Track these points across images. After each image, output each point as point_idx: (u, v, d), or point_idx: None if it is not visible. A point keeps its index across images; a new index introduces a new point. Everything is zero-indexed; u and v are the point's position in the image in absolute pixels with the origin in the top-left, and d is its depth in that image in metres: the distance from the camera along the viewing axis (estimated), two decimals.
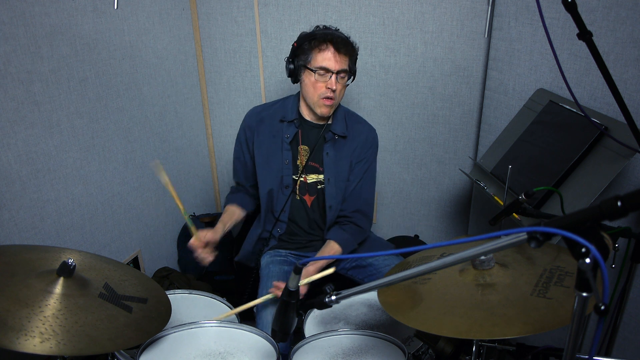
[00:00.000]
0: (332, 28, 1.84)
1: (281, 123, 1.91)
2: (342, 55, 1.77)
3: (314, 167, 1.91)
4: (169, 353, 1.39)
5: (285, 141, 1.89)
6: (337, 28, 1.86)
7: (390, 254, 1.90)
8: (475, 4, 2.21)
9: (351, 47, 1.81)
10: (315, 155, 1.91)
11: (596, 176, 1.52)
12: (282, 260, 1.97)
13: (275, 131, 1.91)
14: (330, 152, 1.90)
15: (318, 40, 1.76)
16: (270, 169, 1.91)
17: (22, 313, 1.09)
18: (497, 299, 1.13)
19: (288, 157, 1.90)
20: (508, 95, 2.09)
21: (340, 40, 1.76)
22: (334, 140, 1.90)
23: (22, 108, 1.77)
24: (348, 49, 1.79)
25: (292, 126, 1.90)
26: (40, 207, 1.88)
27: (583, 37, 1.22)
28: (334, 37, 1.76)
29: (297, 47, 1.82)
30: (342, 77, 1.80)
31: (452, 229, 2.68)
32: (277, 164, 1.90)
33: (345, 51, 1.77)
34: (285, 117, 1.90)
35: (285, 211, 1.93)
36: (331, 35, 1.76)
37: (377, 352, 1.44)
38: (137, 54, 2.28)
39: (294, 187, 1.92)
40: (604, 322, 1.65)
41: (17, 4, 1.69)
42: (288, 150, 1.90)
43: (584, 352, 1.10)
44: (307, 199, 1.95)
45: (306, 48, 1.78)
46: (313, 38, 1.77)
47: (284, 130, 1.90)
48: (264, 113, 1.94)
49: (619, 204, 0.69)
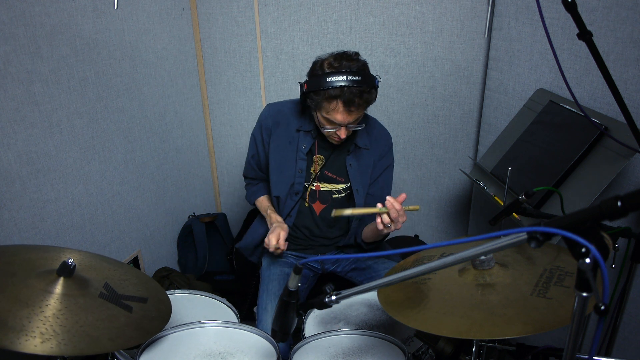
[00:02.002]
0: (350, 55, 1.65)
1: (298, 132, 1.84)
2: (353, 110, 1.61)
3: (329, 176, 1.88)
4: (169, 353, 1.39)
5: (302, 151, 1.83)
6: (355, 54, 1.67)
7: (390, 255, 1.90)
8: (475, 4, 2.21)
9: (365, 99, 1.62)
10: (332, 165, 1.86)
11: (596, 176, 1.52)
12: (283, 262, 1.96)
13: (291, 138, 1.84)
14: (353, 163, 1.85)
15: (328, 95, 1.59)
16: (282, 176, 1.87)
17: (22, 313, 1.09)
18: (497, 299, 1.13)
19: (302, 167, 1.85)
20: (508, 95, 2.09)
21: (352, 98, 1.58)
22: (356, 151, 1.86)
23: (22, 108, 1.77)
24: (361, 102, 1.61)
25: (308, 136, 1.83)
26: (40, 207, 1.88)
27: (583, 37, 1.22)
28: (344, 95, 1.58)
29: (307, 88, 1.65)
30: (353, 125, 1.69)
31: (452, 229, 2.68)
32: (290, 170, 1.86)
33: (358, 105, 1.61)
34: (302, 127, 1.83)
35: (292, 216, 1.90)
36: (341, 92, 1.58)
37: (377, 352, 1.44)
38: (137, 54, 2.28)
39: (304, 194, 1.89)
40: (604, 322, 1.65)
41: (17, 4, 1.69)
42: (303, 160, 1.84)
43: (584, 352, 1.10)
44: (316, 207, 1.91)
45: (315, 96, 1.63)
46: (323, 89, 1.59)
47: (301, 139, 1.83)
48: (281, 117, 1.86)
49: (619, 204, 0.69)
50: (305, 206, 1.91)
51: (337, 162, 1.86)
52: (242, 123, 2.85)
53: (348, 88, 1.57)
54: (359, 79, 1.59)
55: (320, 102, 1.62)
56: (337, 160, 1.86)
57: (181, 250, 2.80)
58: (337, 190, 1.89)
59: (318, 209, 1.92)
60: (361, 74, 1.60)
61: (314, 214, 1.92)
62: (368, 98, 1.63)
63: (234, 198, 3.05)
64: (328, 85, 1.58)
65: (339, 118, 1.63)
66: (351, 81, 1.58)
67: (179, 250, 2.81)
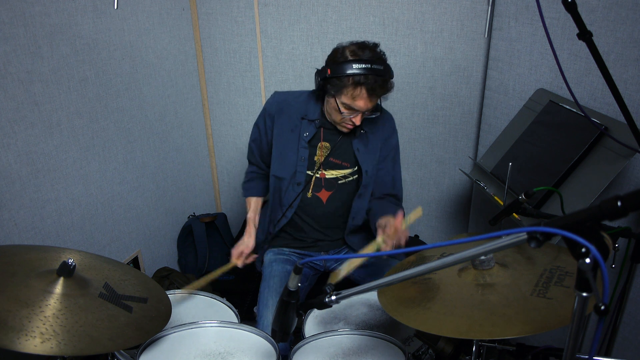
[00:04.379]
0: (371, 45, 1.70)
1: (302, 120, 1.85)
2: (374, 97, 1.67)
3: (334, 163, 1.88)
4: (169, 353, 1.39)
5: (304, 139, 1.84)
6: (375, 44, 1.72)
7: (391, 254, 1.90)
8: (475, 4, 2.21)
9: (386, 88, 1.68)
10: (338, 152, 1.87)
11: (596, 176, 1.52)
12: (285, 259, 1.96)
13: (294, 126, 1.86)
14: (361, 147, 1.87)
15: (353, 81, 1.62)
16: (284, 163, 1.88)
17: (22, 313, 1.09)
18: (497, 299, 1.13)
19: (304, 155, 1.86)
20: (508, 95, 2.09)
21: (375, 86, 1.63)
22: (362, 135, 1.87)
23: (22, 108, 1.77)
24: (383, 91, 1.67)
25: (312, 125, 1.84)
26: (40, 207, 1.88)
27: (583, 37, 1.22)
28: (369, 82, 1.62)
29: (330, 72, 1.66)
30: (369, 112, 1.73)
31: (452, 229, 2.68)
32: (291, 158, 1.87)
33: (379, 94, 1.68)
34: (307, 115, 1.85)
35: (293, 207, 1.91)
36: (366, 79, 1.61)
37: (377, 352, 1.44)
38: (137, 54, 2.28)
39: (307, 185, 1.89)
40: (604, 322, 1.65)
41: (17, 4, 1.69)
42: (305, 148, 1.85)
43: (584, 352, 1.10)
44: (322, 195, 1.91)
45: (338, 81, 1.65)
46: (349, 75, 1.62)
47: (304, 127, 1.85)
48: (285, 105, 1.88)
49: (619, 204, 0.69)
50: (308, 197, 1.91)
51: (342, 148, 1.87)
52: (242, 123, 2.85)
53: (372, 76, 1.62)
54: (381, 68, 1.64)
55: (343, 87, 1.65)
56: (343, 145, 1.87)
57: (181, 250, 2.80)
58: (344, 176, 1.90)
59: (325, 197, 1.91)
60: (383, 64, 1.66)
61: (321, 203, 1.92)
62: (388, 88, 1.69)
63: (234, 198, 3.05)
64: (353, 71, 1.61)
65: (361, 104, 1.66)
66: (375, 70, 1.62)
67: (179, 250, 2.81)
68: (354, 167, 1.89)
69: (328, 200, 1.92)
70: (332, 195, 1.91)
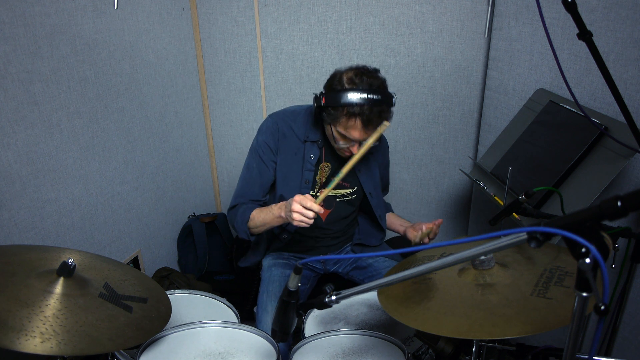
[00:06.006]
0: (370, 71, 1.63)
1: (304, 143, 1.81)
2: (370, 128, 1.58)
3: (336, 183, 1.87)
4: (169, 353, 1.39)
5: (310, 162, 1.80)
6: (375, 70, 1.65)
7: (390, 254, 1.90)
8: (475, 4, 2.21)
9: (384, 118, 1.57)
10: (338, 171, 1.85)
11: (596, 176, 1.52)
12: (285, 263, 1.96)
13: (296, 149, 1.81)
14: (362, 168, 1.87)
15: (348, 112, 1.57)
16: (288, 188, 1.83)
17: (22, 313, 1.09)
18: (497, 299, 1.13)
19: (309, 177, 1.82)
20: (508, 95, 2.09)
21: (371, 117, 1.56)
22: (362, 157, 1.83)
23: (22, 108, 1.77)
24: (379, 121, 1.55)
25: (315, 147, 1.80)
26: (40, 207, 1.88)
27: (583, 37, 1.22)
28: (364, 113, 1.55)
29: (325, 101, 1.61)
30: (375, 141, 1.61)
31: (452, 229, 2.68)
32: (295, 182, 1.83)
33: (376, 125, 1.57)
34: (309, 137, 1.80)
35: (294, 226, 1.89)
36: (361, 110, 1.55)
37: (377, 352, 1.44)
38: (137, 54, 2.28)
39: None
40: (604, 322, 1.65)
41: (17, 4, 1.69)
42: (310, 171, 1.81)
43: (584, 352, 1.10)
44: (321, 214, 1.88)
45: (333, 111, 1.59)
46: (343, 105, 1.56)
47: (307, 150, 1.80)
48: (286, 128, 1.81)
49: (619, 204, 0.69)
50: None
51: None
52: (242, 123, 2.85)
53: (368, 107, 1.54)
54: (379, 97, 1.56)
55: (337, 117, 1.59)
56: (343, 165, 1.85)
57: (181, 250, 2.80)
58: (342, 195, 1.89)
59: (324, 216, 1.90)
60: (381, 92, 1.57)
61: (320, 221, 1.89)
62: (386, 117, 1.60)
63: None
64: (348, 102, 1.54)
65: (356, 135, 1.61)
66: (371, 100, 1.55)
67: (179, 250, 2.81)
68: (353, 187, 1.89)
69: (327, 218, 1.91)
70: (331, 213, 1.91)
